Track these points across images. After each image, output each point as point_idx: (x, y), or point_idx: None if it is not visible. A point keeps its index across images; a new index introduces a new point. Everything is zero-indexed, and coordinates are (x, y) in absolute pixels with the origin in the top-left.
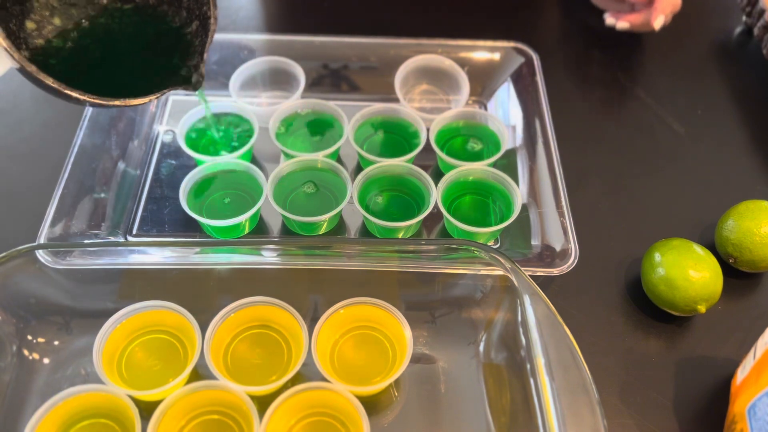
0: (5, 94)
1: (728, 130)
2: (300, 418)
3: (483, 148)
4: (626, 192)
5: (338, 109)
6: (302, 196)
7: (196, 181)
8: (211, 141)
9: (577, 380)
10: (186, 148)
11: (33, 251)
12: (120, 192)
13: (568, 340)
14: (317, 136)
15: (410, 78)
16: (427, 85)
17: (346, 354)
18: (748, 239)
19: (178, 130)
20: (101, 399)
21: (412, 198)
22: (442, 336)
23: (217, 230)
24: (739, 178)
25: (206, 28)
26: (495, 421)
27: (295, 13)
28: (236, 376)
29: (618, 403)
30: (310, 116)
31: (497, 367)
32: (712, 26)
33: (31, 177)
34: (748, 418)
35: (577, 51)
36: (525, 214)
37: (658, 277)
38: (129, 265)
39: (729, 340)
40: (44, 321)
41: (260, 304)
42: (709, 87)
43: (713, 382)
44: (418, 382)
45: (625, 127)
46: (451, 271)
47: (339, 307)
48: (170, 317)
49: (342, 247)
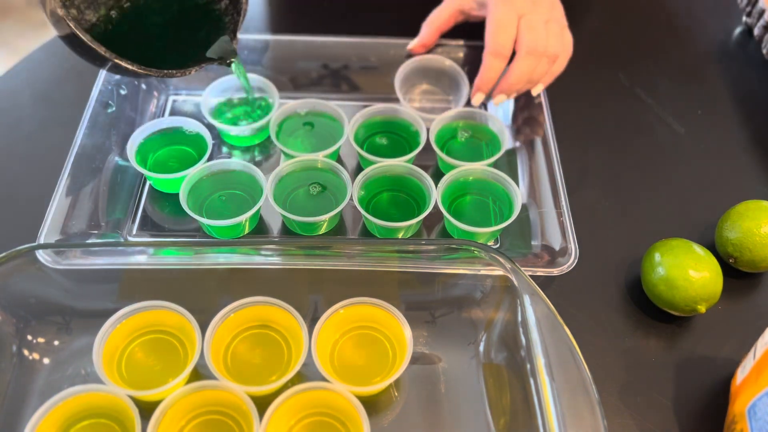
0: (5, 94)
1: (728, 130)
2: (300, 418)
3: (471, 137)
4: (626, 192)
5: (338, 109)
6: (302, 196)
7: (196, 181)
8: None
9: (577, 380)
10: (210, 118)
11: (33, 251)
12: (120, 192)
13: (568, 340)
14: (317, 136)
15: (410, 78)
16: (427, 85)
17: (346, 354)
18: (748, 239)
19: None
20: (101, 399)
21: (412, 198)
22: (442, 336)
23: (217, 230)
24: (739, 178)
25: (237, 6)
26: (495, 421)
27: (295, 13)
28: (236, 376)
29: (618, 403)
30: (309, 116)
31: (497, 367)
32: (712, 26)
33: (31, 177)
34: (748, 418)
35: (577, 50)
36: (525, 214)
37: (658, 277)
38: (129, 265)
39: (729, 340)
40: (44, 321)
41: (260, 304)
42: (709, 87)
43: (713, 382)
44: (418, 382)
45: (625, 127)
46: (451, 271)
47: (339, 307)
48: (170, 317)
49: (342, 247)
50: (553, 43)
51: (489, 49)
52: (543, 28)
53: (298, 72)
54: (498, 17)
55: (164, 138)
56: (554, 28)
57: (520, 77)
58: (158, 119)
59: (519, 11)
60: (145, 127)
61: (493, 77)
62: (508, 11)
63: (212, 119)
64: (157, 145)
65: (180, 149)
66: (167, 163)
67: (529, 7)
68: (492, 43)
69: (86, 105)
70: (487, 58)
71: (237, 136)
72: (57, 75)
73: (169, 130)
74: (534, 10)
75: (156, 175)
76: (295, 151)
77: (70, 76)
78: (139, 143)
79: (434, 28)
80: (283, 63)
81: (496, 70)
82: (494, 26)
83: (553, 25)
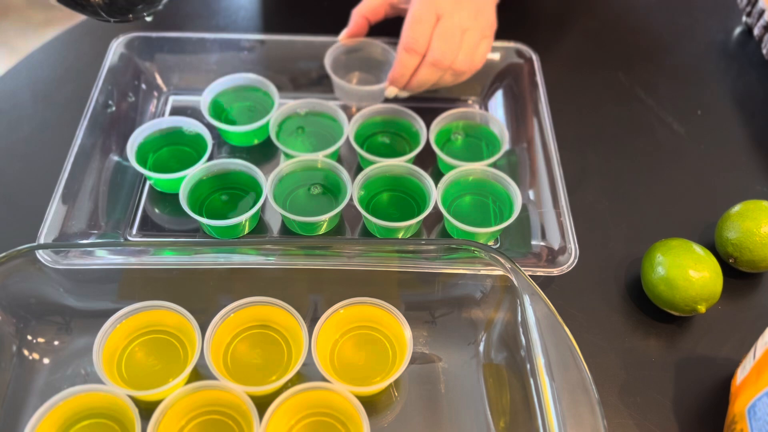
0: (5, 94)
1: (728, 130)
2: (300, 418)
3: (466, 138)
4: (626, 192)
5: (338, 109)
6: (302, 196)
7: (196, 181)
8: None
9: (577, 380)
10: (209, 118)
11: (33, 251)
12: (120, 192)
13: (568, 340)
14: (317, 136)
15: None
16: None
17: (346, 354)
18: (748, 239)
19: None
20: (101, 399)
21: (412, 198)
22: (442, 336)
23: (217, 230)
24: (739, 178)
25: None
26: (495, 421)
27: (295, 13)
28: (236, 376)
29: (618, 403)
30: (309, 116)
31: (497, 367)
32: (712, 26)
33: (31, 177)
34: (748, 418)
35: (577, 51)
36: (525, 214)
37: (658, 277)
38: (129, 265)
39: (729, 340)
40: (44, 321)
41: (260, 304)
42: (709, 87)
43: (713, 382)
44: (418, 382)
45: (625, 127)
46: (451, 271)
47: (339, 307)
48: (170, 317)
49: (342, 247)
50: (462, 58)
51: (402, 43)
52: (457, 38)
53: (298, 72)
54: (415, 12)
55: (164, 138)
56: (470, 40)
57: (423, 84)
58: (158, 119)
59: (438, 9)
60: (145, 127)
61: (405, 73)
62: (428, 8)
63: (211, 118)
64: (157, 145)
65: (180, 149)
66: (167, 163)
67: (450, 6)
68: (405, 38)
69: (86, 105)
70: (400, 52)
71: (236, 133)
72: (57, 75)
73: (169, 130)
74: (455, 11)
75: (156, 175)
76: (295, 151)
77: (70, 76)
78: (139, 143)
79: (361, 16)
80: (283, 63)
81: (407, 66)
82: (410, 21)
83: (470, 36)
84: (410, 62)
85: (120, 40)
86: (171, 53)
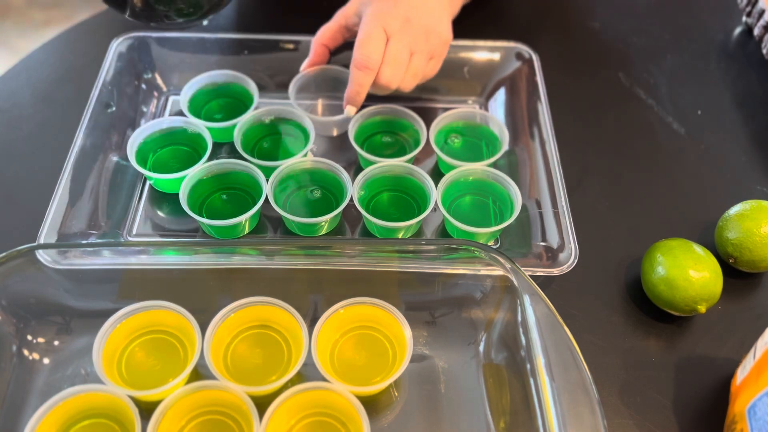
0: (5, 94)
1: (728, 130)
2: (300, 418)
3: (465, 140)
4: (626, 192)
5: (303, 115)
6: (302, 197)
7: (196, 181)
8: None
9: (577, 380)
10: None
11: (33, 251)
12: (120, 192)
13: (568, 340)
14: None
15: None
16: (324, 99)
17: (346, 354)
18: (748, 239)
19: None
20: (101, 399)
21: (412, 198)
22: (442, 336)
23: (217, 230)
24: (739, 178)
25: None
26: (495, 421)
27: (294, 13)
28: (236, 376)
29: (618, 403)
30: (275, 123)
31: (497, 367)
32: (712, 26)
33: (31, 177)
34: (748, 418)
35: (577, 51)
36: (525, 214)
37: (658, 277)
38: (129, 265)
39: (729, 340)
40: (44, 321)
41: (260, 304)
42: (709, 87)
43: (713, 382)
44: (418, 382)
45: (625, 127)
46: (451, 271)
47: (339, 307)
48: (170, 317)
49: (342, 247)
50: (409, 82)
51: (355, 62)
52: (404, 62)
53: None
54: (365, 30)
55: (164, 138)
56: (417, 63)
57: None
58: (158, 119)
59: (388, 28)
60: (145, 127)
61: (361, 91)
62: (376, 26)
63: (190, 114)
64: (157, 145)
65: (180, 149)
66: (167, 163)
67: (399, 26)
68: (357, 56)
69: (86, 105)
70: (353, 71)
71: (219, 129)
72: (57, 75)
73: (169, 130)
74: (404, 31)
75: (156, 175)
76: (260, 160)
77: (70, 76)
78: (139, 143)
79: (320, 44)
80: (282, 63)
81: (362, 84)
82: (361, 39)
83: (417, 59)
84: (364, 80)
85: (120, 40)
86: (171, 53)
